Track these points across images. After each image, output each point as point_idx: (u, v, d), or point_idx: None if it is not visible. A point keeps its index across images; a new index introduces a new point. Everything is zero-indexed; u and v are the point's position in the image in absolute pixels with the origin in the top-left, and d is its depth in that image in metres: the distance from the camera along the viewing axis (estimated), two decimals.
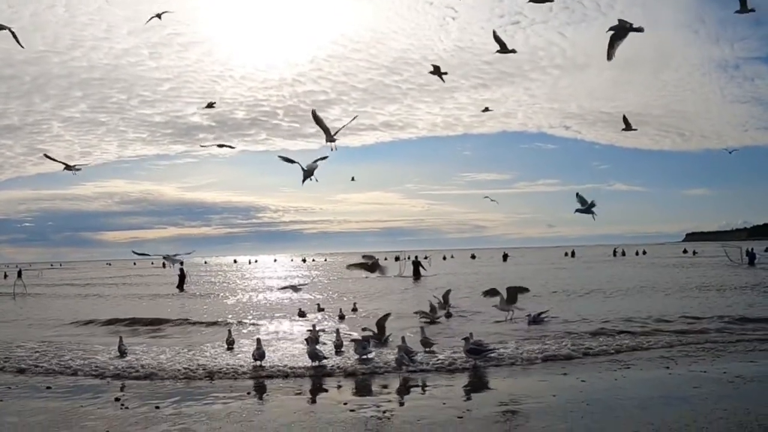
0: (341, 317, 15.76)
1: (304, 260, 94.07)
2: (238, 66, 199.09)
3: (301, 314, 16.69)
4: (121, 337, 11.16)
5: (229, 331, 11.91)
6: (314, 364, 9.08)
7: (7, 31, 9.23)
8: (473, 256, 79.13)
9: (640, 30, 8.32)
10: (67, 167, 12.10)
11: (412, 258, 38.36)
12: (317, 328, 11.77)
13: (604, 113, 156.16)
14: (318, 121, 9.38)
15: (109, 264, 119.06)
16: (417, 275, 35.33)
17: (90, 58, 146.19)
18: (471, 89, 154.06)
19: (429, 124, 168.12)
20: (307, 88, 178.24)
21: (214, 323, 16.06)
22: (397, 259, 50.56)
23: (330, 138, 9.46)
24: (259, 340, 9.56)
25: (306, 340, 10.16)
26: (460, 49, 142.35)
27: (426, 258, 46.17)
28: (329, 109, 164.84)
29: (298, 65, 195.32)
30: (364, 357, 9.48)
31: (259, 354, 9.34)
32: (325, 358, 9.25)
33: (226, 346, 11.19)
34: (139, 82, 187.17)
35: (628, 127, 12.51)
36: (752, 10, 9.52)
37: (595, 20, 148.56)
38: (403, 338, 9.68)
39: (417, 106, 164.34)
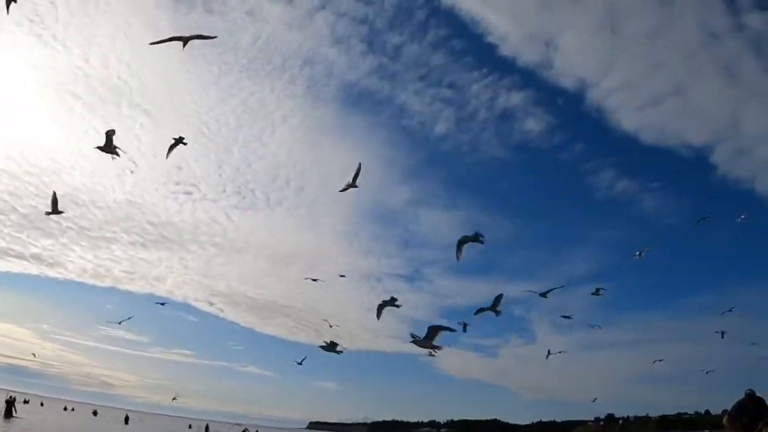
0: None
1: None
2: None
3: None
4: None
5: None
6: None
7: None
8: (95, 413, 78.55)
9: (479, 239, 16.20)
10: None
11: (7, 396, 40.88)
12: None
13: (249, 297, 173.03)
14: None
15: None
16: (8, 414, 38.27)
17: None
18: (129, 245, 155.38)
19: (79, 268, 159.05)
20: None
21: None
22: None
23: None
24: None
25: None
26: (129, 203, 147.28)
27: (25, 402, 52.43)
28: None
29: None
30: None
31: None
32: None
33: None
34: None
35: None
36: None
37: (261, 210, 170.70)
38: None
39: (72, 247, 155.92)
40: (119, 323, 38.60)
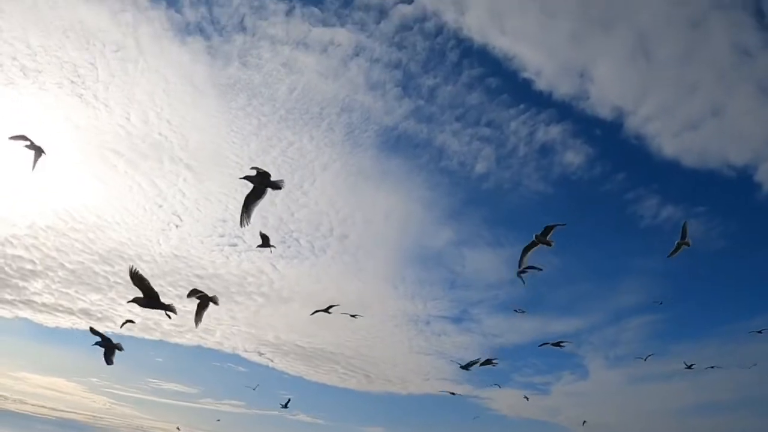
0: None
1: None
2: None
3: None
4: None
5: None
6: None
7: None
8: None
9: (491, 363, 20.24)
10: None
11: None
12: None
13: (298, 346, 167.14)
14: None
15: None
16: None
17: None
18: (176, 298, 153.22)
19: None
20: (16, 252, 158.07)
21: None
22: None
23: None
24: None
25: None
26: (175, 257, 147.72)
27: None
28: (33, 281, 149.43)
29: (15, 226, 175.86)
30: None
31: None
32: None
33: None
34: None
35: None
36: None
37: (306, 259, 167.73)
38: None
39: (119, 301, 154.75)
40: (254, 389, 39.63)
